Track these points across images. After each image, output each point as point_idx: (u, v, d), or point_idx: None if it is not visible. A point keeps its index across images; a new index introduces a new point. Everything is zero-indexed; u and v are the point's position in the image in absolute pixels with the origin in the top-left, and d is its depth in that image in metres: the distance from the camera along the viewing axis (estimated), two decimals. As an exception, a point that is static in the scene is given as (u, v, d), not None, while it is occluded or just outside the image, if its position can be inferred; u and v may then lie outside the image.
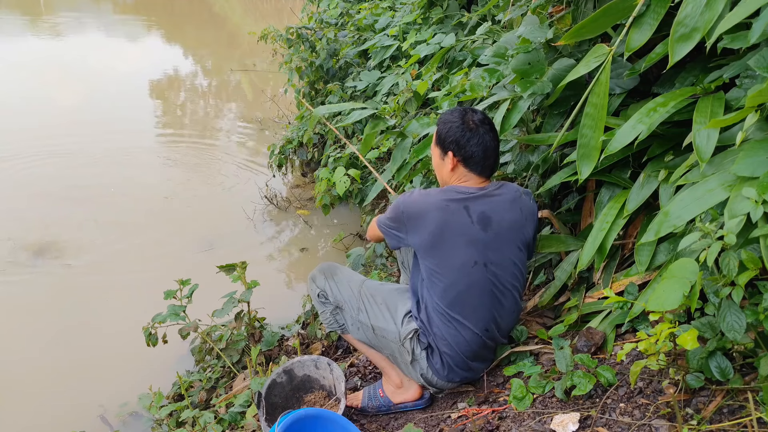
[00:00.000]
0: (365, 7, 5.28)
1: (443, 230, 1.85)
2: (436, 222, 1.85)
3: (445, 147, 1.94)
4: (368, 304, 2.06)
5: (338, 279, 2.12)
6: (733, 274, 1.26)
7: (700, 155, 1.52)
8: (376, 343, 2.07)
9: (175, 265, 3.71)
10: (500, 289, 1.92)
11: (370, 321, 2.04)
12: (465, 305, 1.89)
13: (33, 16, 13.50)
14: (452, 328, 1.91)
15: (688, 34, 1.56)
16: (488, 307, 1.91)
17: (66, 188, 4.85)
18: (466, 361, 1.95)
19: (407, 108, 3.38)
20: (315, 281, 2.15)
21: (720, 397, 1.44)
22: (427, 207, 1.86)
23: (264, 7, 15.83)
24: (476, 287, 1.88)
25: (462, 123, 1.91)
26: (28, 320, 3.29)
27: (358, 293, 2.08)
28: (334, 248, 3.98)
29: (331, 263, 2.21)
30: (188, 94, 8.24)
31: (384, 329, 2.02)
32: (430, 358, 1.97)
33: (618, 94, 2.04)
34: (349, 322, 2.09)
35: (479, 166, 1.92)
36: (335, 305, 2.10)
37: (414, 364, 2.00)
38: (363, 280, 2.14)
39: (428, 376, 2.00)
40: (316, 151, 4.72)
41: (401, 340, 1.98)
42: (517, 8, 2.72)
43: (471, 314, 1.90)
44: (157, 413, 2.39)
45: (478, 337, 1.93)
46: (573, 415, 1.61)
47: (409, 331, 1.97)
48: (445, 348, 1.93)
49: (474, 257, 1.86)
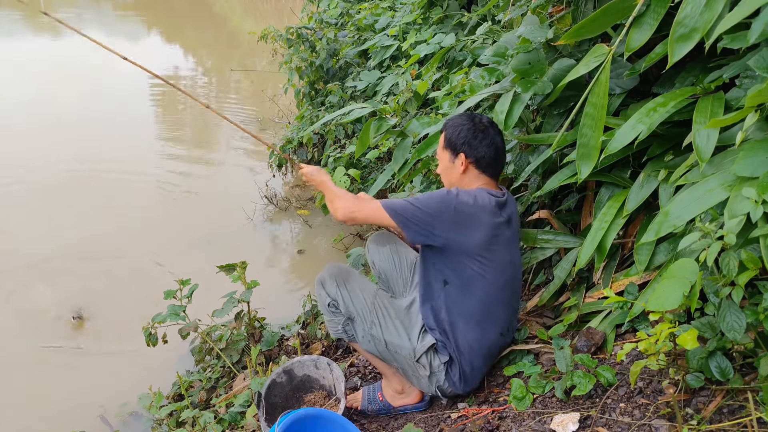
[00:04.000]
0: (365, 7, 5.28)
1: (494, 232, 1.84)
2: (488, 224, 1.83)
3: (457, 149, 1.93)
4: (382, 318, 1.95)
5: (351, 287, 1.97)
6: (733, 274, 1.27)
7: (700, 155, 1.52)
8: (387, 357, 1.98)
9: (174, 265, 3.70)
10: (516, 289, 1.99)
11: (383, 336, 1.94)
12: (498, 306, 1.92)
13: (32, 15, 13.50)
14: (479, 331, 1.90)
15: (687, 34, 1.56)
16: (510, 307, 1.98)
17: (65, 187, 4.85)
18: (482, 368, 1.96)
19: (407, 108, 3.38)
20: (325, 287, 1.99)
21: (720, 397, 1.44)
22: (479, 209, 1.83)
23: (264, 7, 15.82)
24: (508, 287, 1.93)
25: (472, 125, 1.92)
26: (28, 320, 3.29)
27: (372, 305, 1.96)
28: (334, 248, 3.98)
29: (342, 266, 2.05)
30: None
31: (398, 345, 1.94)
32: (450, 372, 1.93)
33: (618, 94, 2.04)
34: (360, 334, 1.97)
35: (491, 168, 1.93)
36: (347, 317, 1.96)
37: (431, 378, 1.95)
38: (376, 290, 2.02)
39: (444, 388, 1.97)
40: (316, 151, 4.73)
41: (415, 357, 1.93)
42: (517, 8, 2.72)
43: (500, 315, 1.94)
44: (157, 413, 2.39)
45: (500, 338, 1.97)
46: (573, 415, 1.61)
47: (425, 346, 1.92)
48: (469, 358, 1.91)
49: (509, 257, 1.91)
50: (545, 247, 2.25)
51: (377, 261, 2.26)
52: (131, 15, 14.88)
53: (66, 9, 14.44)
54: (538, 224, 2.43)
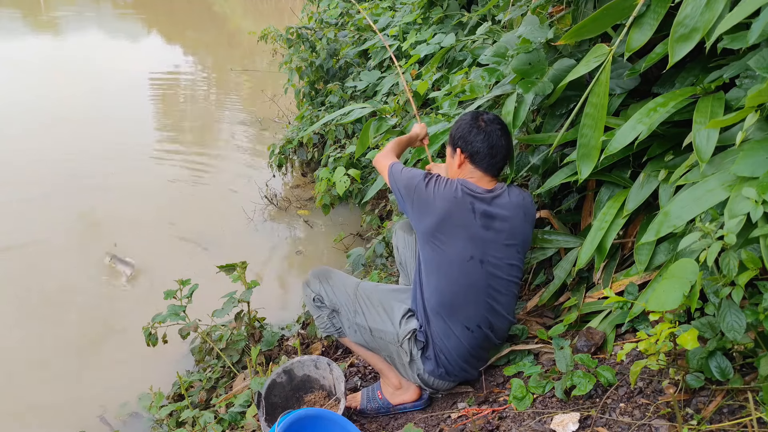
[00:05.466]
0: (365, 6, 5.28)
1: (446, 220, 1.88)
2: (441, 211, 1.88)
3: (454, 144, 2.00)
4: (365, 306, 2.05)
5: (333, 282, 2.11)
6: (733, 274, 1.27)
7: (700, 155, 1.52)
8: (374, 345, 2.06)
9: (174, 265, 3.71)
10: (496, 289, 1.92)
11: (367, 323, 2.03)
12: (458, 301, 1.91)
13: (32, 14, 13.51)
14: (444, 325, 1.92)
15: (687, 34, 1.56)
16: (482, 305, 1.92)
17: (64, 186, 4.85)
18: (458, 360, 1.96)
19: (407, 108, 3.38)
20: (309, 286, 2.13)
21: (720, 397, 1.44)
22: (436, 195, 1.90)
23: (264, 7, 15.83)
24: (470, 284, 1.90)
25: (472, 120, 1.98)
26: (28, 320, 3.29)
27: (354, 295, 2.07)
28: (334, 248, 3.98)
29: (324, 267, 2.20)
30: (188, 93, 8.24)
31: (382, 331, 2.02)
32: (425, 357, 1.98)
33: (618, 94, 2.04)
34: (346, 325, 2.08)
35: (485, 163, 1.95)
36: (331, 309, 2.09)
37: (411, 364, 2.00)
38: (358, 283, 2.13)
39: (424, 377, 2.01)
40: (316, 151, 4.73)
41: (399, 341, 1.99)
42: (517, 8, 2.71)
43: (463, 311, 1.91)
44: (157, 413, 2.39)
45: (470, 335, 1.94)
46: (573, 415, 1.61)
47: (408, 331, 1.98)
48: (440, 346, 1.95)
49: (470, 252, 1.88)
50: (545, 247, 2.25)
51: (401, 246, 2.36)
52: (131, 13, 14.88)
53: (66, 7, 14.44)
54: (538, 224, 2.43)
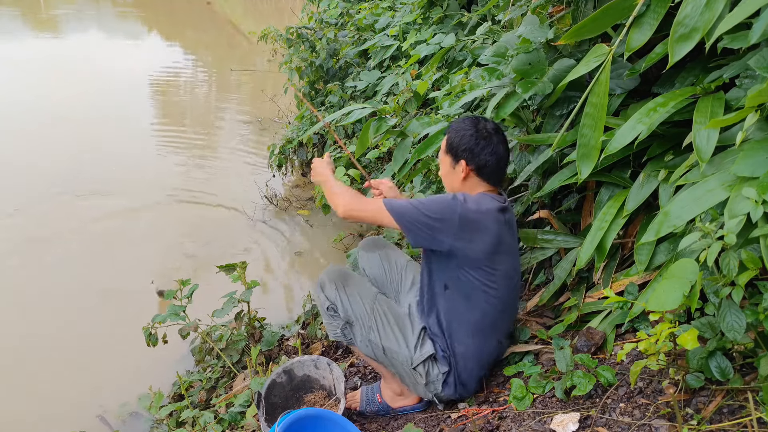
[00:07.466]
0: (365, 7, 5.28)
1: (500, 241, 1.81)
2: (494, 232, 1.79)
3: (458, 155, 1.88)
4: (380, 323, 1.93)
5: (350, 291, 1.96)
6: (733, 274, 1.27)
7: (700, 155, 1.52)
8: (385, 362, 1.97)
9: (174, 265, 3.71)
10: (518, 293, 2.00)
11: (381, 342, 1.92)
12: (500, 316, 1.91)
13: (32, 12, 13.51)
14: (478, 340, 1.89)
15: (687, 34, 1.56)
16: (512, 314, 1.99)
17: (64, 185, 4.85)
18: (479, 374, 1.96)
19: (407, 108, 3.38)
20: (324, 290, 1.98)
21: (720, 397, 1.44)
22: (485, 216, 1.79)
23: (264, 7, 15.83)
24: (513, 297, 1.94)
25: (475, 131, 1.86)
26: (28, 320, 3.29)
27: (371, 309, 1.94)
28: (334, 248, 3.98)
29: (342, 270, 2.03)
30: (187, 93, 8.23)
31: (396, 352, 1.92)
32: (447, 382, 1.93)
33: (618, 94, 2.04)
34: (359, 338, 1.95)
35: (493, 176, 1.89)
36: (345, 321, 1.95)
37: (428, 386, 1.94)
38: (376, 294, 1.99)
39: (440, 396, 1.97)
40: (316, 151, 4.73)
41: (413, 365, 1.91)
42: (517, 8, 2.71)
43: (501, 324, 1.94)
44: (157, 413, 2.39)
45: (499, 347, 1.98)
46: (573, 415, 1.61)
47: (424, 356, 1.90)
48: (467, 362, 1.91)
49: (515, 267, 1.92)
50: (545, 247, 2.25)
51: (368, 268, 2.25)
52: (131, 12, 14.88)
53: (66, 6, 14.44)
54: (538, 224, 2.43)
